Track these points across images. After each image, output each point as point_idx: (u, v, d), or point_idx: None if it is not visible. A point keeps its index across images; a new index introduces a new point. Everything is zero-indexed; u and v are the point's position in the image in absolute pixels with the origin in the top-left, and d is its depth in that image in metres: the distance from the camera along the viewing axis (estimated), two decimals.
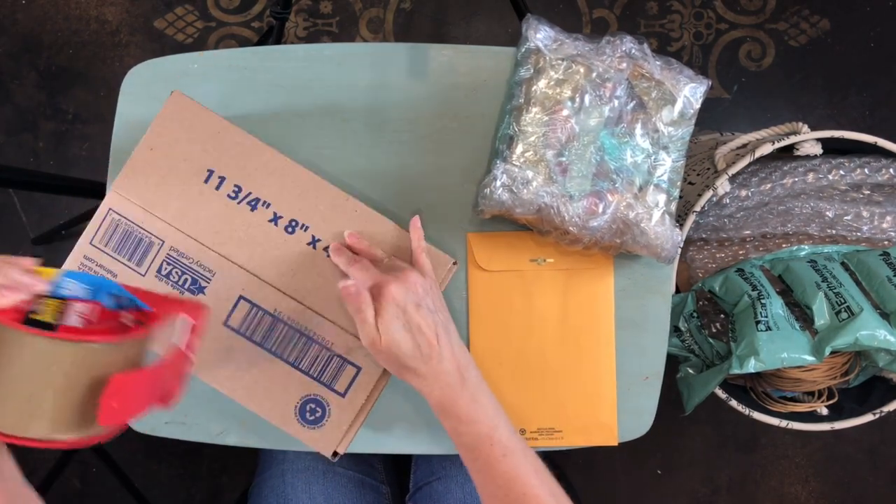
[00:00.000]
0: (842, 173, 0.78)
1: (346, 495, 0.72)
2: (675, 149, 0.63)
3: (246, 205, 0.59)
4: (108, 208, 0.60)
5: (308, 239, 0.60)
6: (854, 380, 0.82)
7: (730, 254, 0.82)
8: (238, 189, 0.59)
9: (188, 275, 0.60)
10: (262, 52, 0.68)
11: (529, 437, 0.67)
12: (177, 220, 0.60)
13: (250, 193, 0.59)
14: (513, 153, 0.61)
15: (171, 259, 0.60)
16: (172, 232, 0.59)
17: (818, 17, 1.33)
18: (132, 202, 0.60)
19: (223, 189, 0.59)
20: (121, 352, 0.40)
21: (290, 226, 0.60)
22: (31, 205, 1.31)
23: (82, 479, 1.31)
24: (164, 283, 0.60)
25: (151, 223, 0.60)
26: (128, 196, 0.59)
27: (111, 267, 0.60)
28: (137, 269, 0.60)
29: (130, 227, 0.60)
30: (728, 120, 1.33)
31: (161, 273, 0.60)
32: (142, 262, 0.60)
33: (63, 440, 0.38)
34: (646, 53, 0.62)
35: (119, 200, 0.60)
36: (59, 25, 1.32)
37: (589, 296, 0.67)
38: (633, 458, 1.34)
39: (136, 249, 0.60)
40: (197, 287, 0.59)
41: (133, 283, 0.59)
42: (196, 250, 0.59)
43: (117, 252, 0.60)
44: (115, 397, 0.38)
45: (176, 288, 0.59)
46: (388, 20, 1.34)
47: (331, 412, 0.59)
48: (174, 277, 0.59)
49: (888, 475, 1.33)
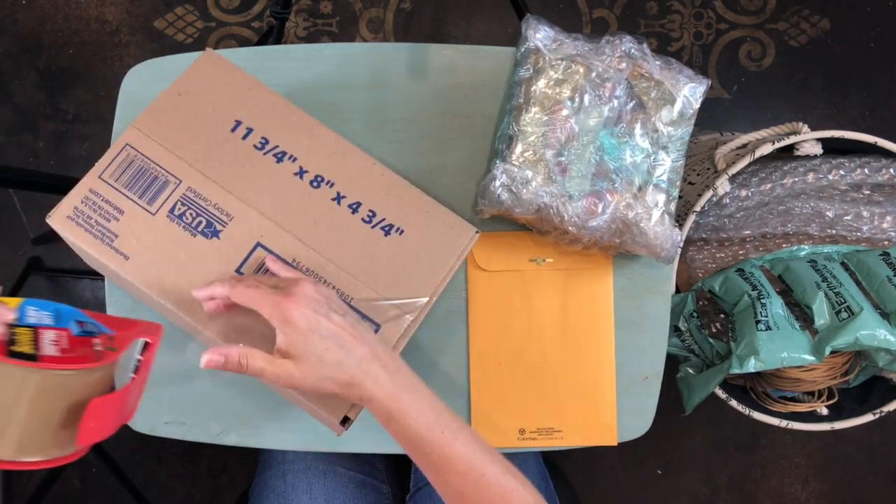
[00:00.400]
0: (842, 173, 0.78)
1: (346, 495, 0.72)
2: (675, 149, 0.63)
3: (272, 156, 0.58)
4: (125, 143, 0.57)
5: (333, 195, 0.58)
6: (854, 380, 0.82)
7: (730, 254, 0.82)
8: (265, 141, 0.58)
9: (203, 217, 0.56)
10: (262, 52, 0.68)
11: (529, 437, 0.67)
12: (199, 161, 0.57)
13: (277, 146, 0.58)
14: (512, 153, 0.61)
15: (186, 199, 0.56)
16: (192, 173, 0.57)
17: (818, 17, 1.33)
18: (152, 139, 0.57)
19: (250, 139, 0.58)
20: (96, 376, 0.41)
21: (316, 180, 0.58)
22: (31, 205, 1.31)
23: (82, 479, 1.31)
24: (176, 224, 0.56)
25: (170, 162, 0.57)
26: (149, 133, 0.57)
27: (118, 203, 0.56)
28: (148, 208, 0.56)
29: (146, 164, 0.56)
30: (728, 120, 1.33)
31: (174, 213, 0.56)
32: (153, 201, 0.56)
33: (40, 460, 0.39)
34: (645, 53, 0.62)
35: (138, 136, 0.57)
36: (59, 25, 1.32)
37: (588, 296, 0.67)
38: (633, 458, 1.34)
39: (149, 187, 0.56)
40: (211, 230, 0.56)
41: (141, 222, 0.56)
42: (215, 193, 0.57)
43: (128, 188, 0.56)
44: (93, 419, 0.39)
45: (187, 230, 0.56)
46: (388, 20, 1.34)
47: None
48: (188, 219, 0.56)
49: (888, 475, 1.33)
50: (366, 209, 0.59)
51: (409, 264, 0.58)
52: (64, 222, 0.55)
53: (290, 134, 0.59)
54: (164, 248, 0.55)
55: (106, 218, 0.55)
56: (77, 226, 0.55)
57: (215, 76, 0.58)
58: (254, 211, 0.57)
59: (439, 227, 0.60)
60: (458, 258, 0.59)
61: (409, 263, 0.58)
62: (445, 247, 0.59)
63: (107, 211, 0.56)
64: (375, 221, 0.59)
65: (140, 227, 0.55)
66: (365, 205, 0.59)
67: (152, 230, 0.55)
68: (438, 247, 0.59)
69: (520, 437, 0.67)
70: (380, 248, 0.58)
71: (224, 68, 0.59)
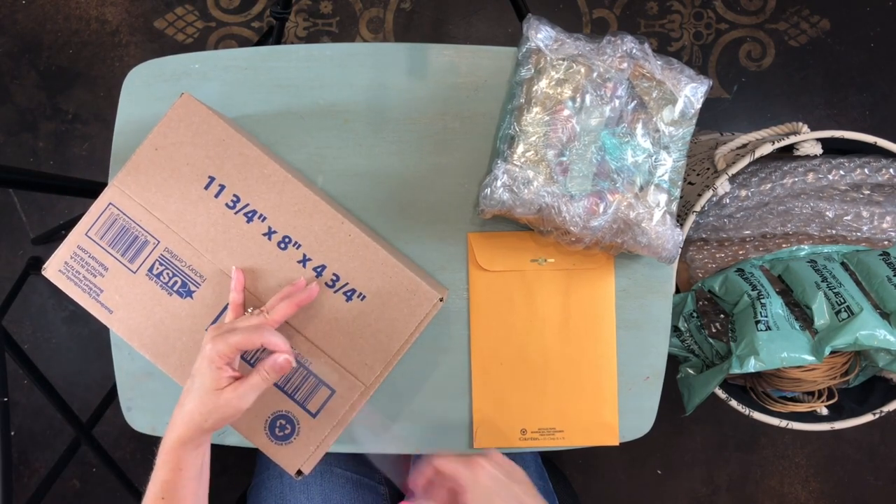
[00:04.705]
0: (842, 173, 0.78)
1: (344, 496, 0.72)
2: (676, 149, 0.63)
3: (242, 216, 0.59)
4: (108, 202, 0.60)
5: (299, 257, 0.60)
6: (854, 380, 0.83)
7: (730, 254, 0.82)
8: (237, 199, 0.60)
9: (179, 277, 0.60)
10: (262, 52, 0.68)
11: (531, 437, 0.67)
12: (174, 222, 0.60)
13: (248, 205, 0.60)
14: (514, 153, 0.61)
15: (164, 260, 0.60)
16: (170, 234, 0.60)
17: (818, 17, 1.33)
18: (133, 199, 0.60)
19: (222, 197, 0.60)
20: None
21: (283, 242, 0.60)
22: (31, 205, 1.31)
23: (82, 479, 1.31)
24: (154, 283, 0.60)
25: (149, 222, 0.60)
26: (129, 193, 0.60)
27: (103, 260, 0.60)
28: (129, 266, 0.60)
29: (128, 224, 0.60)
30: (728, 120, 1.33)
31: (152, 272, 0.60)
32: (135, 259, 0.60)
33: None
34: (646, 53, 0.62)
35: (120, 196, 0.60)
36: (59, 25, 1.32)
37: (590, 296, 0.67)
38: (633, 458, 1.34)
39: (130, 245, 0.60)
40: (186, 290, 0.60)
41: (123, 279, 0.60)
42: (190, 254, 0.60)
43: (112, 246, 0.60)
44: None
45: (164, 289, 0.60)
46: (388, 20, 1.34)
47: (300, 431, 0.60)
48: (164, 278, 0.60)
49: (888, 475, 1.33)
50: (330, 272, 0.60)
51: (367, 332, 0.59)
52: (56, 275, 0.61)
53: (260, 190, 0.60)
54: (144, 304, 0.60)
55: (92, 273, 0.60)
56: (68, 279, 0.60)
57: (191, 125, 0.59)
58: (224, 274, 0.60)
59: (402, 293, 0.59)
60: (417, 327, 0.60)
61: (368, 331, 0.59)
62: (406, 314, 0.59)
63: (93, 267, 0.60)
64: (339, 286, 0.60)
65: (122, 284, 0.60)
66: (329, 268, 0.60)
67: (133, 287, 0.60)
68: (399, 314, 0.59)
69: (521, 438, 0.67)
70: (340, 314, 0.59)
71: (199, 116, 0.59)
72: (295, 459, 0.59)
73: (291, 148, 0.67)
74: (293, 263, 0.60)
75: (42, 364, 0.97)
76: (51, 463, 1.00)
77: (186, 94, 0.59)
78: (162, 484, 0.53)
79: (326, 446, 0.60)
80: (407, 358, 0.67)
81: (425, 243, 0.67)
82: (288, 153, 0.67)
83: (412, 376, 0.67)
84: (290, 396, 0.60)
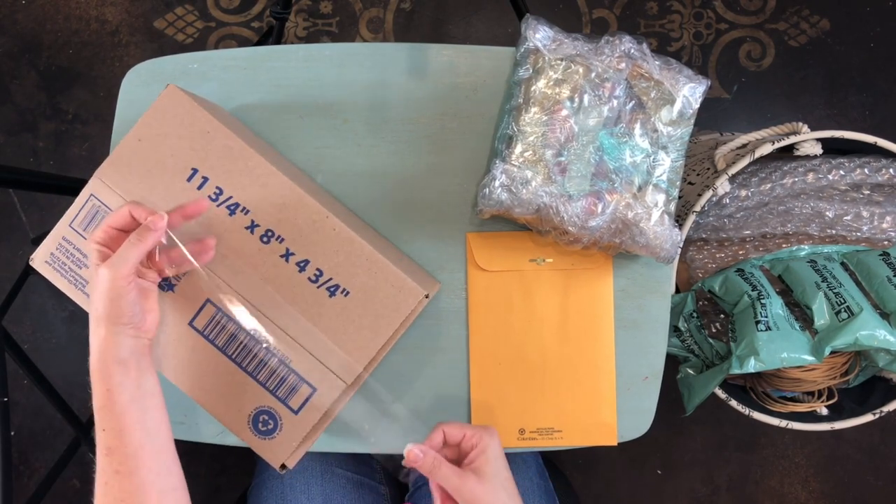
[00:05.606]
0: (842, 173, 0.78)
1: (344, 496, 0.72)
2: (675, 149, 0.63)
3: (226, 208, 0.59)
4: (89, 194, 0.59)
5: (282, 251, 0.59)
6: (854, 380, 0.82)
7: (730, 254, 0.82)
8: (219, 191, 0.59)
9: None
10: (262, 52, 0.68)
11: (529, 437, 0.67)
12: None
13: (231, 197, 0.59)
14: (512, 153, 0.61)
15: None
16: None
17: (818, 17, 1.33)
18: (113, 190, 0.59)
19: (205, 190, 0.59)
20: None
21: (266, 235, 0.59)
22: (31, 205, 1.31)
23: (82, 479, 1.31)
24: None
25: None
26: (110, 184, 0.59)
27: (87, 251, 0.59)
28: None
29: None
30: (728, 120, 1.33)
31: None
32: None
33: None
34: (645, 53, 0.62)
35: (101, 188, 0.59)
36: (59, 25, 1.32)
37: (588, 296, 0.67)
38: (633, 458, 1.34)
39: None
40: (167, 283, 0.59)
41: None
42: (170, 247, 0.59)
43: None
44: None
45: None
46: (388, 20, 1.34)
47: (283, 426, 0.59)
48: None
49: (888, 475, 1.33)
50: (313, 268, 0.58)
51: (351, 328, 0.58)
52: (43, 266, 0.61)
53: (244, 183, 0.59)
54: None
55: (77, 265, 0.60)
56: (54, 270, 0.61)
57: (175, 116, 0.58)
58: (205, 268, 0.58)
59: (387, 289, 0.58)
60: (402, 323, 0.59)
61: (352, 327, 0.58)
62: (390, 311, 0.58)
63: (77, 258, 0.60)
64: (322, 281, 0.58)
65: None
66: (313, 263, 0.58)
67: None
68: (383, 310, 0.58)
69: (520, 437, 0.67)
70: (323, 310, 0.58)
71: (184, 108, 0.58)
72: (279, 454, 0.59)
73: (291, 147, 0.67)
74: (276, 258, 0.59)
75: (42, 364, 0.97)
76: (51, 463, 1.00)
77: (172, 86, 0.58)
78: (98, 413, 0.50)
79: (311, 441, 0.59)
80: (405, 358, 0.67)
81: (424, 243, 0.67)
82: (287, 153, 0.67)
83: (410, 376, 0.67)
84: (272, 393, 0.59)
